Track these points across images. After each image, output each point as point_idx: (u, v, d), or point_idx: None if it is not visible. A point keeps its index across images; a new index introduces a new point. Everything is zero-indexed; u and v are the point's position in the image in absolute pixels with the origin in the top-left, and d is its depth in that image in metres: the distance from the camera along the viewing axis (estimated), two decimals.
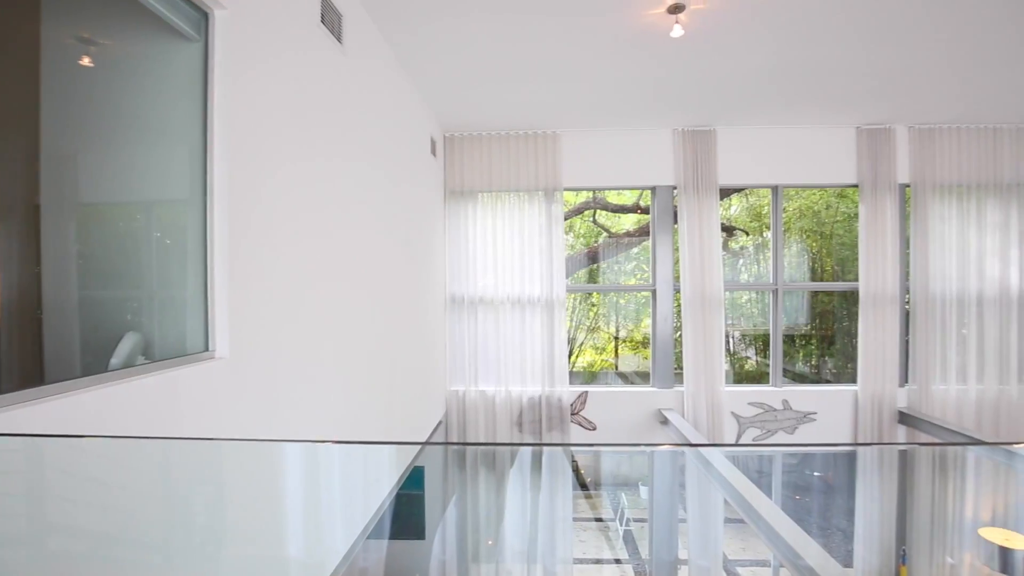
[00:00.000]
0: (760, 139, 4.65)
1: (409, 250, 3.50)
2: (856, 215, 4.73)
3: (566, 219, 6.22)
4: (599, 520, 6.03)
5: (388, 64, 3.02)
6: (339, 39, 2.30)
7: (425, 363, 3.96)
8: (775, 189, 4.81)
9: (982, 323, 4.57)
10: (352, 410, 2.43)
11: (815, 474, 6.38)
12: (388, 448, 2.37)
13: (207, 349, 1.48)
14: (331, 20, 2.23)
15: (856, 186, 4.67)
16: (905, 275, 4.67)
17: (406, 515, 3.40)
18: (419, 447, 3.53)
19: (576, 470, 6.36)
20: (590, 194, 6.14)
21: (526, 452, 4.40)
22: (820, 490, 6.28)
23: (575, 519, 6.08)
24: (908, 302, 4.69)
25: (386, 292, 2.98)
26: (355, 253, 2.50)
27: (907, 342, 4.69)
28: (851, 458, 5.46)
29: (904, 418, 4.58)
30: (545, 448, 4.35)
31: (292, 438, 1.80)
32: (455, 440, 4.66)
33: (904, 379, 4.68)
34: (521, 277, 4.66)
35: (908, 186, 4.65)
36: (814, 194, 5.96)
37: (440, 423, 4.49)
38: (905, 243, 4.68)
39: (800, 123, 4.56)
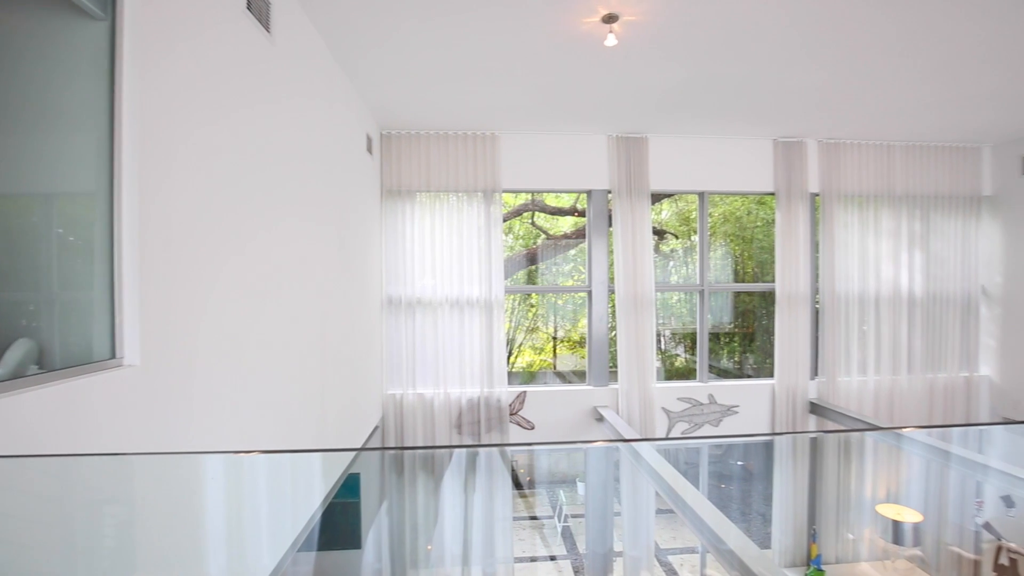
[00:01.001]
0: (688, 148, 4.90)
1: (343, 250, 3.38)
2: (773, 221, 5.09)
3: (505, 220, 6.26)
4: (534, 519, 6.11)
5: (321, 57, 2.91)
6: (267, 28, 2.19)
7: (360, 367, 3.85)
8: (701, 195, 5.08)
9: (879, 320, 5.06)
10: (281, 418, 2.31)
11: (738, 463, 6.80)
12: (320, 456, 2.28)
13: (114, 356, 1.36)
14: (258, 7, 2.11)
15: (773, 194, 5.04)
16: (815, 277, 5.09)
17: (341, 524, 3.28)
18: (354, 453, 3.42)
19: (515, 470, 6.40)
20: (528, 196, 6.22)
21: (465, 454, 4.38)
22: (742, 478, 6.71)
23: (515, 519, 6.12)
24: (818, 301, 5.11)
25: (318, 293, 2.87)
26: (284, 252, 2.39)
27: (817, 338, 5.10)
28: (769, 447, 5.87)
29: (814, 408, 4.99)
30: (484, 449, 4.35)
31: (213, 450, 1.69)
32: (392, 445, 4.55)
33: (814, 372, 5.09)
34: (460, 278, 4.63)
35: (817, 195, 5.07)
36: (736, 200, 6.36)
37: (376, 428, 4.37)
38: (815, 247, 5.10)
39: (724, 134, 4.85)
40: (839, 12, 2.68)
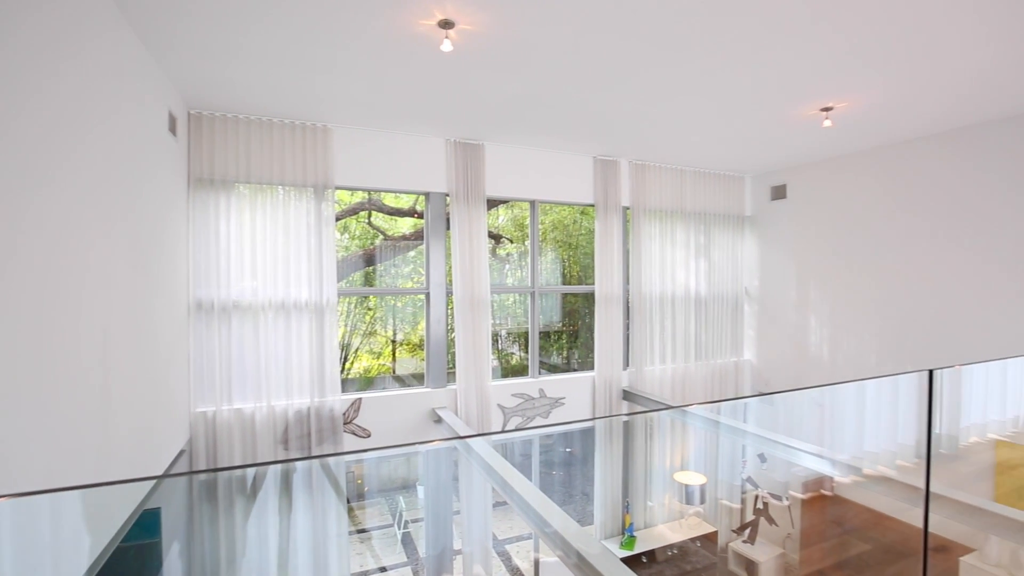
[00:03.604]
0: (521, 158, 5.21)
1: (133, 246, 2.86)
2: (594, 229, 5.68)
3: (340, 219, 5.94)
4: (362, 531, 5.91)
5: (104, 12, 2.42)
6: None
7: (159, 381, 3.30)
8: (533, 203, 5.45)
9: (674, 317, 5.98)
10: (43, 451, 1.86)
11: (567, 450, 7.42)
12: (99, 492, 1.88)
13: None
14: None
15: (593, 205, 5.62)
16: (626, 280, 5.81)
17: (135, 571, 2.77)
18: (150, 485, 2.91)
19: (353, 481, 6.10)
20: (365, 195, 5.98)
21: (292, 470, 4.03)
22: (569, 463, 7.34)
23: (353, 532, 5.83)
24: (628, 301, 5.84)
25: (99, 296, 2.38)
26: (46, 246, 1.93)
27: (628, 334, 5.83)
28: (590, 432, 6.52)
29: (626, 395, 5.69)
30: (314, 462, 4.06)
31: None
32: (202, 468, 3.98)
33: (626, 363, 5.81)
34: (286, 280, 4.25)
35: (628, 208, 5.79)
36: (564, 210, 6.95)
37: (183, 452, 3.78)
38: (626, 254, 5.83)
39: (553, 148, 5.27)
40: (640, 53, 3.10)
